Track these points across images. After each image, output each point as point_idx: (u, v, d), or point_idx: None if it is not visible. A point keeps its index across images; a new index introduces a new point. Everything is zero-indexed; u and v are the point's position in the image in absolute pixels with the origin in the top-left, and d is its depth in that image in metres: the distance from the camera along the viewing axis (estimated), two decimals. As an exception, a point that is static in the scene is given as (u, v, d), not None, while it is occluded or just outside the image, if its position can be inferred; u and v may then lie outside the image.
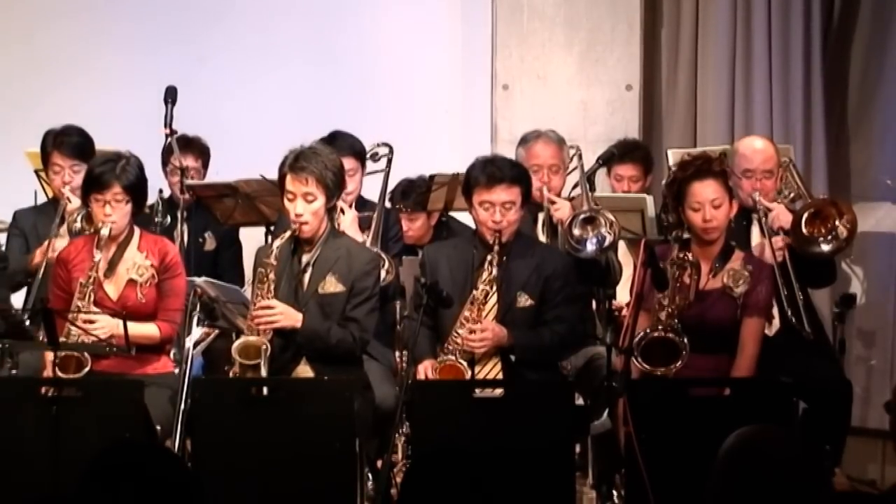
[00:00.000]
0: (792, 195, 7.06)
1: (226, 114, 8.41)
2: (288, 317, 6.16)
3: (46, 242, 6.79)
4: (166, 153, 7.47)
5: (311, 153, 6.25)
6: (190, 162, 7.44)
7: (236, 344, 6.13)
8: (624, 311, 6.70)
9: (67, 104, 8.09)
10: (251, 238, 7.61)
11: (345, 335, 6.20)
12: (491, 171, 6.46)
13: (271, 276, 6.18)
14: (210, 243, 7.58)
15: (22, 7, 8.76)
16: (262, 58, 8.67)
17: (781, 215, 6.77)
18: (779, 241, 6.70)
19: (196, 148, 7.64)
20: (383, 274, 6.68)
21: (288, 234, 6.23)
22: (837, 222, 6.69)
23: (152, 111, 7.32)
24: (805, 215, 6.69)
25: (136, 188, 6.33)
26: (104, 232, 6.25)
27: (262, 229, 7.51)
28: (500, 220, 6.41)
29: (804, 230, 6.67)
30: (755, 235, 6.85)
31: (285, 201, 6.26)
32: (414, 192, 7.50)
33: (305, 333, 6.17)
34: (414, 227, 7.51)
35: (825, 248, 6.72)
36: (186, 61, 8.46)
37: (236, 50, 8.68)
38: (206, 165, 7.73)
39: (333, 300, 6.24)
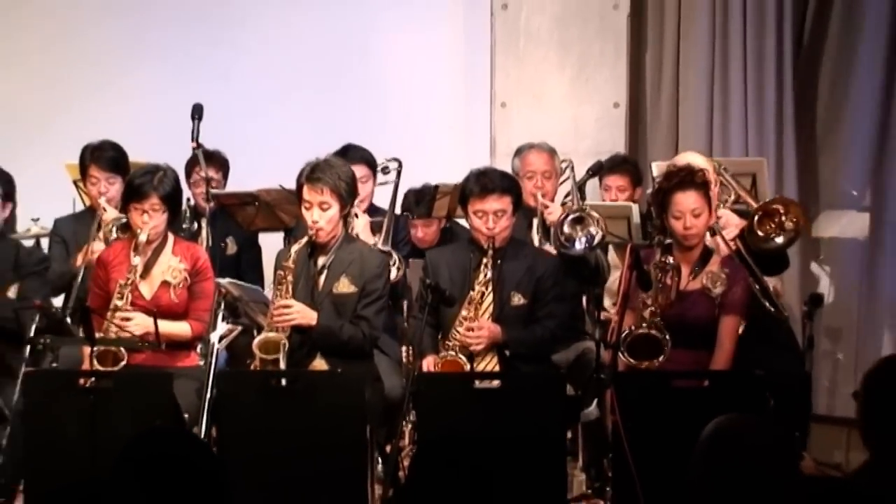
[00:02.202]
0: (733, 198, 7.02)
1: (248, 128, 8.41)
2: (304, 315, 6.17)
3: (86, 246, 6.80)
4: (190, 165, 7.48)
5: (325, 165, 6.26)
6: (211, 173, 7.44)
7: (257, 340, 6.14)
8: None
9: (101, 118, 8.11)
10: (270, 243, 7.61)
11: (356, 332, 6.21)
12: (483, 182, 6.46)
13: (289, 278, 6.19)
14: (231, 248, 7.58)
15: (62, 30, 8.79)
16: (281, 78, 8.66)
17: (730, 219, 6.77)
18: (730, 232, 6.67)
19: (217, 161, 7.64)
20: (394, 271, 6.70)
21: (305, 239, 6.25)
22: (784, 218, 6.68)
23: (178, 125, 7.33)
24: (755, 218, 6.68)
25: (172, 198, 6.35)
26: (142, 238, 6.27)
27: (281, 234, 7.51)
28: (493, 226, 6.41)
29: (758, 231, 6.67)
30: (709, 241, 6.82)
31: (303, 209, 6.27)
32: (424, 201, 7.49)
33: (320, 330, 6.18)
34: (430, 231, 7.47)
35: (779, 240, 6.70)
36: (211, 80, 8.47)
37: (258, 71, 8.68)
38: (225, 176, 7.73)
39: (346, 300, 6.25)
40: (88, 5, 8.77)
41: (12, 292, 6.45)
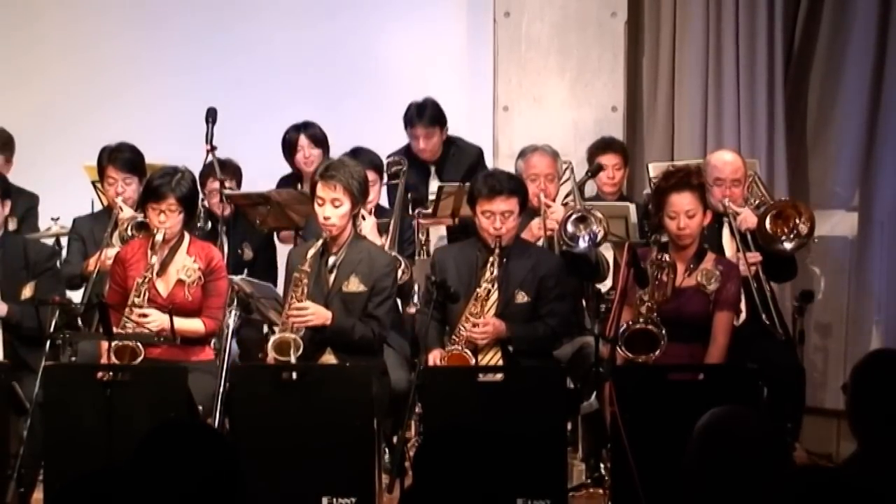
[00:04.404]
0: (757, 202, 7.05)
1: (259, 132, 8.39)
2: (318, 315, 6.15)
3: (99, 252, 6.75)
4: (205, 172, 7.43)
5: (339, 164, 6.28)
6: (226, 181, 7.41)
7: (272, 341, 6.11)
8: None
9: (118, 122, 8.11)
10: (284, 247, 7.60)
11: (366, 331, 6.20)
12: (492, 183, 6.45)
13: (305, 280, 6.16)
14: (248, 254, 7.53)
15: (82, 37, 8.79)
16: (291, 84, 8.66)
17: (748, 217, 6.78)
18: (752, 257, 6.69)
19: (230, 168, 7.63)
20: (400, 274, 6.68)
21: (319, 242, 6.22)
22: (798, 221, 6.70)
23: (193, 128, 7.32)
24: (769, 215, 6.69)
25: (189, 200, 6.32)
26: (159, 237, 6.25)
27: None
28: (500, 226, 6.40)
29: (768, 228, 6.68)
30: (726, 237, 6.84)
31: (315, 206, 6.25)
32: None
33: (334, 329, 6.17)
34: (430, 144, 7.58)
35: (788, 245, 6.73)
36: (225, 86, 8.46)
37: (269, 78, 8.68)
38: (238, 183, 7.71)
39: (356, 298, 6.23)
40: (107, 17, 8.78)
41: (28, 291, 6.41)
